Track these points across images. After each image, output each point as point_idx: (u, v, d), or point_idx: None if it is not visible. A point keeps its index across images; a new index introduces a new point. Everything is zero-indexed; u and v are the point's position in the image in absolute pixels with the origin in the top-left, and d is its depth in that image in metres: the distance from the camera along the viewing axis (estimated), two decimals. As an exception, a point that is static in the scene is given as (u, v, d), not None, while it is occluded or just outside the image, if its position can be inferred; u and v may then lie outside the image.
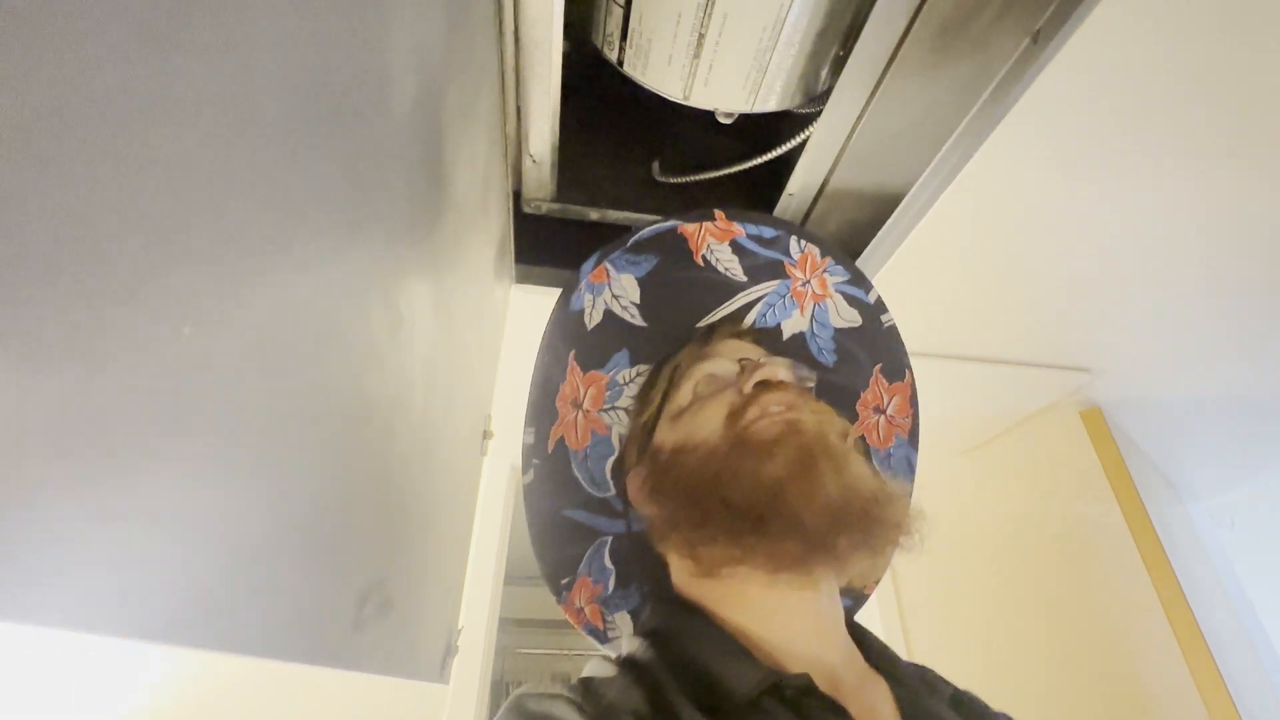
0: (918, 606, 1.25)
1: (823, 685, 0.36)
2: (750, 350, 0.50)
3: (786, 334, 0.56)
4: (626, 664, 0.37)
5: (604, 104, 0.81)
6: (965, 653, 1.11)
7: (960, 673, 0.44)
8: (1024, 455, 1.09)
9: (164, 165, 0.14)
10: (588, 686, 0.35)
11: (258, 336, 0.18)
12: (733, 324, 0.55)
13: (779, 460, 0.39)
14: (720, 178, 0.72)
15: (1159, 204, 0.60)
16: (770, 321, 0.56)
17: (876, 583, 0.55)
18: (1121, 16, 0.41)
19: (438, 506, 0.40)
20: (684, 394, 0.47)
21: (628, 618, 0.51)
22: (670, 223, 0.55)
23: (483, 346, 0.56)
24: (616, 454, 0.52)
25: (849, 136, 0.63)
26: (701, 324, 0.54)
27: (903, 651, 0.49)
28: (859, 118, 0.61)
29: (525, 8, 0.51)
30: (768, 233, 0.55)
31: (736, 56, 0.55)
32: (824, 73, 0.60)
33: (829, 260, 0.56)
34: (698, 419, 0.44)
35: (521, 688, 0.34)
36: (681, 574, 0.44)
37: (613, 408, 0.52)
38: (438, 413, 0.36)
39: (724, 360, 0.48)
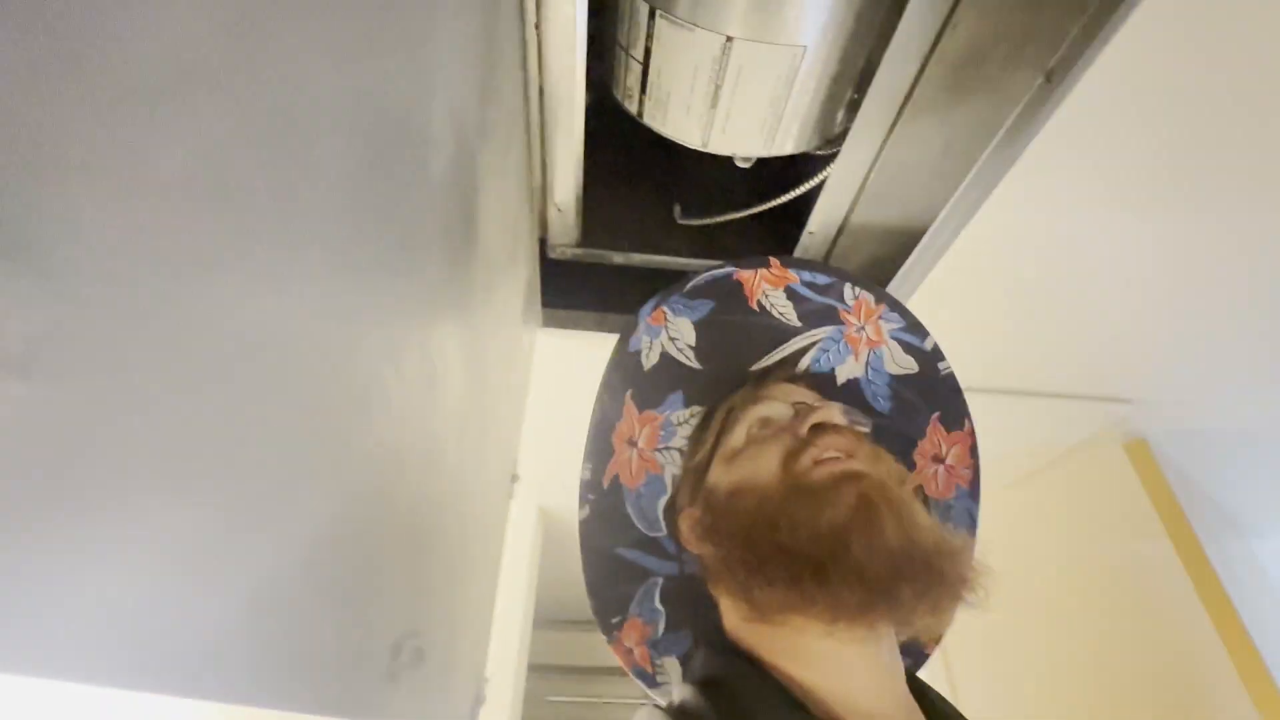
0: (963, 651, 1.19)
1: None
2: (805, 395, 0.50)
3: (841, 379, 0.56)
4: (678, 714, 0.37)
5: (625, 150, 0.84)
6: (1014, 701, 1.05)
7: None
8: (1067, 491, 1.05)
9: (231, 216, 0.15)
10: None
11: (297, 387, 0.18)
12: (787, 368, 0.55)
13: (839, 507, 0.38)
14: (741, 219, 0.74)
15: (1187, 232, 0.59)
16: (825, 367, 0.56)
17: (938, 641, 0.53)
18: (1133, 54, 0.42)
19: (468, 553, 0.40)
20: (738, 436, 0.47)
21: (677, 664, 0.50)
22: (727, 269, 0.56)
23: (510, 391, 0.57)
24: (669, 495, 0.52)
25: (867, 175, 0.64)
26: (755, 368, 0.55)
27: (949, 698, 0.47)
28: (876, 157, 0.62)
29: (549, 66, 0.53)
30: (821, 279, 0.56)
31: (752, 105, 0.57)
32: (840, 115, 0.61)
33: (884, 307, 0.57)
34: (754, 462, 0.44)
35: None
36: (734, 618, 0.43)
37: (667, 448, 0.53)
38: (469, 461, 0.37)
39: (778, 403, 0.48)
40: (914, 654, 0.53)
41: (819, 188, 0.66)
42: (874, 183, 0.64)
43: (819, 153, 0.65)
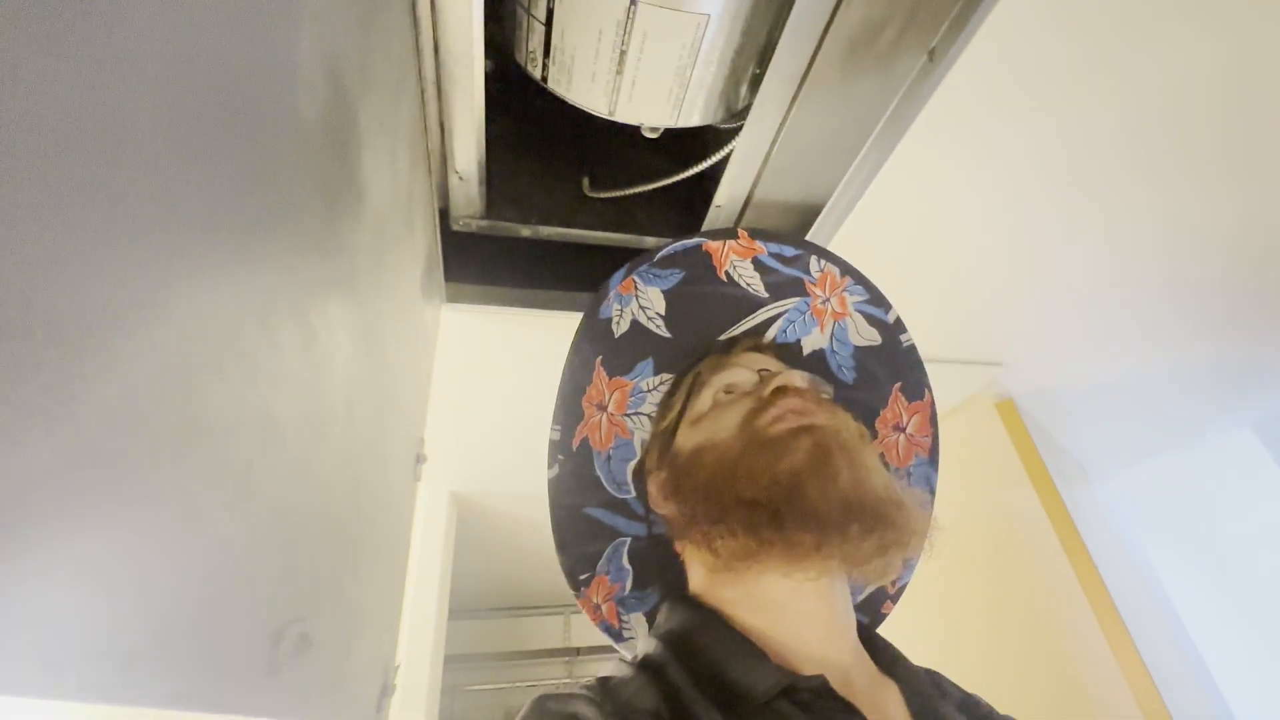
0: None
1: (836, 687, 0.36)
2: (770, 363, 0.51)
3: (806, 350, 0.57)
4: (643, 665, 0.38)
5: (532, 121, 0.81)
6: (907, 636, 1.14)
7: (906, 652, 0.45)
8: (948, 449, 1.15)
9: (34, 176, 0.13)
10: (605, 685, 0.35)
11: (130, 351, 0.16)
12: (754, 338, 0.56)
13: (796, 454, 0.40)
14: (650, 192, 0.73)
15: (1055, 206, 0.65)
16: (790, 337, 0.57)
17: (895, 600, 0.56)
18: (1008, 32, 0.45)
19: (368, 536, 0.37)
20: (704, 401, 0.48)
21: (643, 620, 0.52)
22: (695, 240, 0.56)
23: (414, 367, 0.54)
24: (638, 458, 0.53)
25: (770, 149, 0.65)
26: (723, 337, 0.56)
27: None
28: (778, 132, 0.64)
29: (444, 21, 0.50)
30: (788, 251, 0.57)
31: (658, 73, 0.57)
32: (744, 89, 0.62)
33: (849, 280, 0.58)
34: (716, 422, 0.45)
35: (540, 691, 0.34)
36: (698, 576, 0.45)
37: (636, 413, 0.53)
38: (365, 436, 0.34)
39: (744, 370, 0.50)
40: (871, 614, 0.56)
41: (725, 162, 0.67)
42: (777, 157, 0.66)
43: (725, 126, 0.66)
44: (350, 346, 0.29)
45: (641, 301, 0.55)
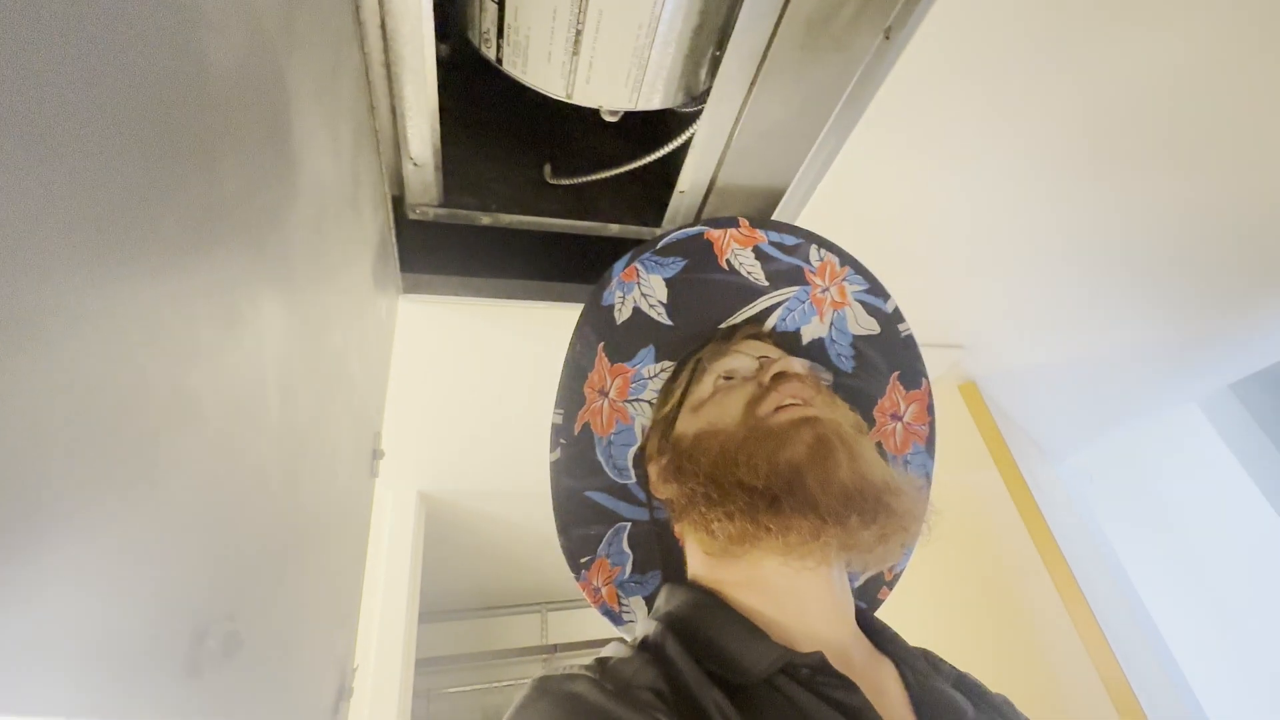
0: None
1: (835, 664, 0.37)
2: (770, 351, 0.52)
3: (806, 339, 0.57)
4: (642, 645, 0.38)
5: (490, 106, 0.79)
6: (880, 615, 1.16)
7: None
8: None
9: None
10: (604, 665, 0.35)
11: (18, 316, 0.14)
12: (754, 326, 0.56)
13: (797, 446, 0.41)
14: (612, 178, 0.72)
15: (1008, 187, 0.66)
16: (790, 326, 0.57)
17: (889, 586, 0.57)
18: (963, 8, 0.45)
19: (314, 531, 0.36)
20: (705, 387, 0.49)
21: (643, 604, 0.52)
22: (697, 228, 0.56)
23: (365, 358, 0.52)
24: (639, 444, 0.53)
25: (731, 134, 0.65)
26: (724, 325, 0.56)
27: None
28: (739, 115, 0.63)
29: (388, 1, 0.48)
30: (789, 240, 0.57)
31: (616, 53, 0.55)
32: (703, 72, 0.61)
33: (848, 269, 0.58)
34: (718, 408, 0.46)
35: (540, 673, 0.34)
36: (697, 559, 0.45)
37: (637, 400, 0.53)
38: (304, 425, 0.32)
39: (744, 357, 0.50)
40: (869, 600, 0.57)
41: (686, 147, 0.67)
42: (738, 140, 0.65)
43: (686, 110, 0.65)
44: (280, 324, 0.27)
45: (644, 289, 0.55)
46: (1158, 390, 1.19)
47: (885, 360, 0.59)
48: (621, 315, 0.54)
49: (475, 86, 0.78)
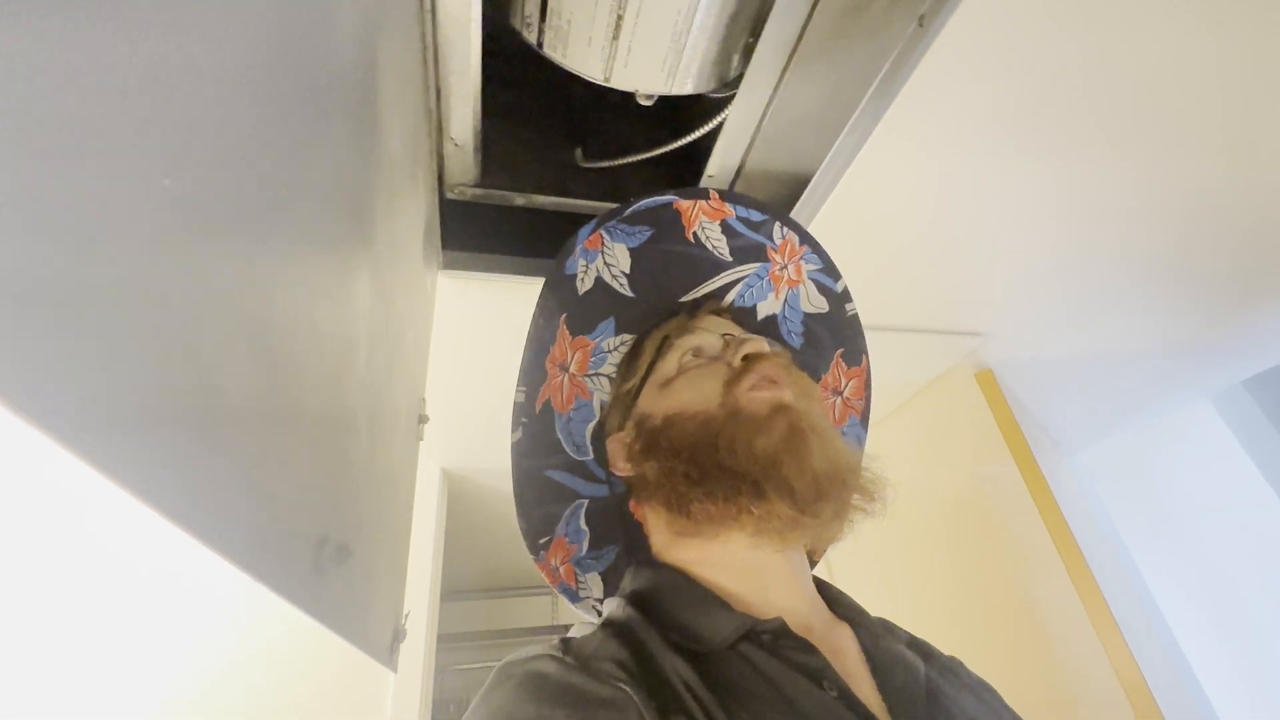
0: (843, 570, 1.33)
1: (795, 629, 0.38)
2: (732, 329, 0.53)
3: (761, 315, 0.58)
4: (607, 623, 0.39)
5: (527, 90, 0.81)
6: (888, 602, 1.18)
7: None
8: (928, 421, 1.19)
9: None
10: (568, 644, 0.36)
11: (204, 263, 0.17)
12: (715, 301, 0.57)
13: (773, 434, 0.42)
14: (642, 161, 0.74)
15: (1033, 178, 0.68)
16: (748, 302, 0.58)
17: (823, 552, 0.59)
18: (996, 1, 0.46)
19: (384, 474, 0.38)
20: (670, 364, 0.49)
21: (599, 580, 0.53)
22: (667, 197, 0.56)
23: (416, 327, 0.55)
24: (597, 419, 0.53)
25: (761, 119, 0.67)
26: (686, 299, 0.56)
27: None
28: (769, 101, 0.65)
29: (441, -17, 0.50)
30: (755, 216, 0.58)
31: (654, 38, 0.57)
32: (736, 59, 0.63)
33: (806, 248, 0.59)
34: (692, 388, 0.46)
35: (506, 657, 0.35)
36: (662, 537, 0.46)
37: (596, 374, 0.53)
38: (378, 381, 0.35)
39: (709, 334, 0.50)
40: (808, 559, 0.58)
41: (716, 132, 0.68)
42: (768, 127, 0.67)
43: (717, 95, 0.67)
44: (367, 286, 0.30)
45: (607, 258, 0.55)
46: (1171, 385, 1.20)
47: (831, 338, 0.61)
48: (584, 285, 0.54)
49: (508, 70, 0.80)
